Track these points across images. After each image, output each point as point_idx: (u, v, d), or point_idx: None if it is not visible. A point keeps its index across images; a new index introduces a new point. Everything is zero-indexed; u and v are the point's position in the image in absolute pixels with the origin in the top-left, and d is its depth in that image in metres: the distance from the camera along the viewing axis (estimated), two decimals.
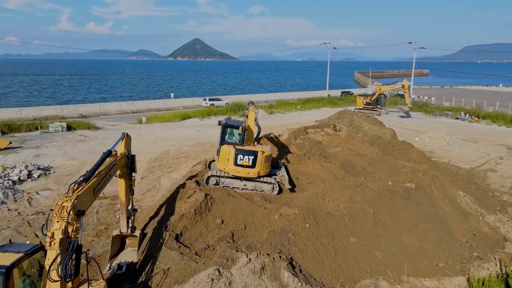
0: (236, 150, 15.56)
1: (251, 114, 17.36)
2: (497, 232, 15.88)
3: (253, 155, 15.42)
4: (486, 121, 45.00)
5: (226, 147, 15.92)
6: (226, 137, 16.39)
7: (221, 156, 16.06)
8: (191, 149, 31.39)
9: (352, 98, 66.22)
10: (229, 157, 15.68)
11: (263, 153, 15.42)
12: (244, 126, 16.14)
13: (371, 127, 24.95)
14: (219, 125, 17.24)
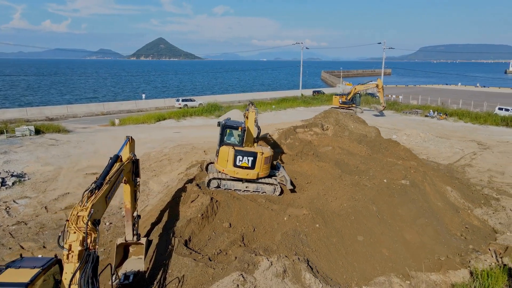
0: (235, 151, 15.31)
1: (251, 115, 17.15)
2: (486, 225, 16.64)
3: (253, 156, 15.24)
4: (453, 118, 47.22)
5: (225, 148, 15.63)
6: (225, 138, 16.07)
7: (220, 157, 15.74)
8: (172, 151, 30.65)
9: (325, 97, 67.39)
10: (228, 158, 15.41)
11: (263, 154, 15.27)
12: (244, 127, 15.90)
13: (356, 126, 25.45)
14: (218, 126, 16.91)
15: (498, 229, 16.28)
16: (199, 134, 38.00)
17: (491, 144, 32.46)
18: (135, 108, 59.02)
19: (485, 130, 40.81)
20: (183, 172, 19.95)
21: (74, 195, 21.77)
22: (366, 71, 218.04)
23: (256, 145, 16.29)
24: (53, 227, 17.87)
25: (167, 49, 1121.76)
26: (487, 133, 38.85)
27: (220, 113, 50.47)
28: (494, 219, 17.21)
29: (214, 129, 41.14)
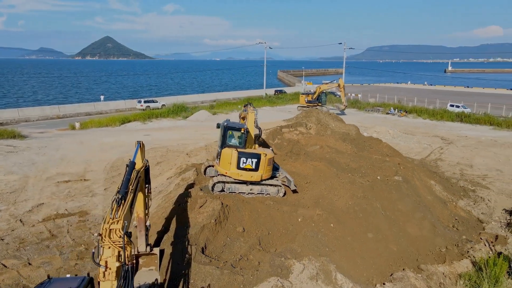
0: (238, 153, 14.98)
1: (250, 115, 16.84)
2: (471, 215, 17.71)
3: (256, 158, 15.00)
4: (412, 115, 49.88)
5: (228, 150, 15.23)
6: (227, 140, 15.66)
7: (223, 159, 15.31)
8: (147, 155, 29.13)
9: (289, 97, 68.28)
10: (231, 160, 15.03)
11: (266, 155, 15.09)
12: (246, 128, 15.59)
13: (337, 124, 26.01)
14: (217, 127, 16.46)
15: (483, 219, 17.39)
16: (170, 137, 36.94)
17: (453, 139, 34.66)
18: (94, 110, 56.18)
19: (443, 125, 43.52)
20: (172, 177, 19.23)
21: (49, 206, 20.25)
22: (320, 70, 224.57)
23: (257, 147, 16.06)
24: (34, 241, 16.49)
25: (115, 48, 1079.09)
26: (446, 128, 41.45)
27: (187, 114, 49.44)
28: (476, 209, 18.37)
29: (184, 131, 40.49)
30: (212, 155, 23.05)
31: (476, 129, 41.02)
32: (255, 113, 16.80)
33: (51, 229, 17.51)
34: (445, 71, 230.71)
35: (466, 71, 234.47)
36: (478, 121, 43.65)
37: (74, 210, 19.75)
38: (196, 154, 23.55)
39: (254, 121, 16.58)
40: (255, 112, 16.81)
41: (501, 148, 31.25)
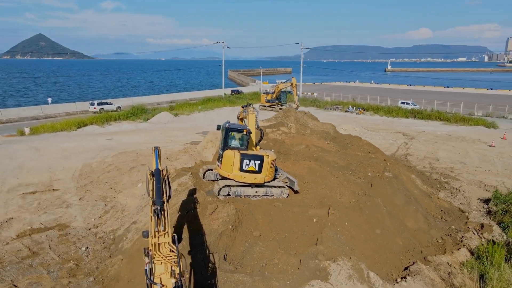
0: (241, 155, 14.64)
1: (251, 116, 16.45)
2: (453, 206, 18.89)
3: (259, 159, 14.73)
4: (370, 112, 52.25)
5: (230, 152, 14.82)
6: (229, 142, 15.25)
7: (225, 161, 14.88)
8: (116, 160, 27.97)
9: (249, 96, 68.29)
10: (234, 163, 14.63)
11: (269, 157, 14.89)
12: (249, 129, 15.25)
13: (315, 123, 26.43)
14: (218, 129, 15.97)
15: (464, 209, 18.62)
16: (135, 140, 35.33)
17: (414, 135, 36.82)
18: (41, 114, 52.09)
19: (400, 122, 46.10)
20: None
21: (20, 220, 18.46)
22: (270, 69, 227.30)
23: (259, 149, 15.78)
24: (14, 260, 14.94)
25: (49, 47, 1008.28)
26: (403, 124, 43.95)
27: (148, 116, 47.61)
28: (456, 200, 19.63)
29: (149, 133, 38.94)
30: (194, 158, 22.35)
31: (429, 125, 43.96)
32: (256, 114, 16.50)
33: (30, 246, 15.94)
34: (385, 70, 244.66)
35: (404, 70, 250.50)
36: (430, 117, 46.82)
37: (51, 223, 18.14)
38: (177, 158, 22.71)
39: (255, 122, 16.29)
40: (256, 113, 16.51)
41: (456, 142, 33.74)
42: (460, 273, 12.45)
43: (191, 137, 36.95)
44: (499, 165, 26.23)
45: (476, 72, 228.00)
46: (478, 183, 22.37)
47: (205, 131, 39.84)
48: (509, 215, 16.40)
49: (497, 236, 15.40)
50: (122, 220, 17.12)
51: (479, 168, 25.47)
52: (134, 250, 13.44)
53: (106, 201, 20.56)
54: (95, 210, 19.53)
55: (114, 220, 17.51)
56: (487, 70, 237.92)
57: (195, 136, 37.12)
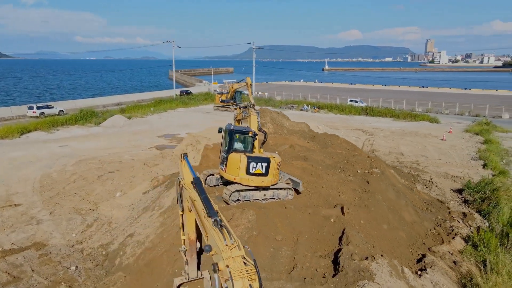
0: (248, 158, 14.24)
1: (253, 118, 15.97)
2: (432, 197, 20.12)
3: (266, 162, 14.41)
4: (324, 110, 54.01)
5: (235, 155, 14.31)
6: (234, 144, 14.74)
7: (230, 165, 14.37)
8: (79, 168, 25.88)
9: (202, 97, 67.02)
10: (240, 166, 14.17)
11: (275, 159, 14.63)
12: (254, 131, 14.88)
13: (290, 123, 26.59)
14: (219, 132, 15.34)
15: (442, 199, 19.92)
16: (93, 146, 32.92)
17: (372, 131, 38.74)
18: None
19: (354, 119, 48.25)
20: (150, 190, 17.24)
21: None
22: (211, 69, 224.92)
23: (263, 151, 15.42)
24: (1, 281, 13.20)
25: None
26: (358, 121, 46.04)
27: (99, 120, 44.60)
28: (432, 192, 20.95)
29: (105, 139, 36.58)
30: (175, 163, 21.33)
31: (381, 121, 46.58)
32: (258, 116, 16.11)
33: (8, 270, 14.13)
34: (323, 69, 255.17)
35: (340, 69, 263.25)
36: (380, 114, 49.64)
37: (24, 242, 16.22)
38: (156, 164, 21.53)
39: (258, 123, 15.91)
40: (257, 114, 16.11)
41: (411, 137, 36.13)
42: (464, 262, 13.25)
43: (152, 140, 35.34)
44: (455, 157, 28.54)
45: (403, 71, 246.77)
46: (445, 174, 24.12)
47: (167, 133, 38.38)
48: (487, 202, 17.87)
49: (480, 223, 16.68)
50: (111, 233, 15.78)
51: (440, 161, 27.49)
52: (142, 265, 12.45)
53: (82, 214, 18.88)
54: (72, 224, 17.83)
55: (101, 234, 16.08)
56: (412, 70, 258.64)
57: (157, 140, 35.56)
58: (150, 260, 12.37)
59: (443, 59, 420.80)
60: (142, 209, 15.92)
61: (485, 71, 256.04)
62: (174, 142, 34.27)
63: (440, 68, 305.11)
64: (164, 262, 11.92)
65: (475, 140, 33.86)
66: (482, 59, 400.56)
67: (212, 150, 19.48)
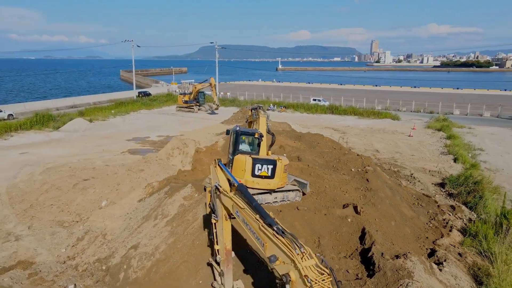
0: (253, 159, 13.97)
1: (262, 120, 15.54)
2: (418, 192, 20.97)
3: (272, 164, 14.15)
4: (291, 110, 54.58)
5: (241, 157, 14.01)
6: (239, 146, 14.44)
7: (236, 167, 14.04)
8: (48, 177, 23.97)
9: (165, 98, 64.98)
10: (246, 168, 13.87)
11: (282, 161, 14.39)
12: (260, 133, 14.59)
13: (273, 123, 26.44)
14: (227, 134, 14.86)
15: (427, 194, 20.82)
16: (59, 152, 30.71)
17: (342, 129, 39.74)
18: None
19: (321, 118, 49.23)
20: (146, 197, 16.28)
21: None
22: (164, 69, 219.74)
23: (271, 154, 15.10)
24: None
25: None
26: (326, 120, 47.03)
27: (57, 124, 41.61)
28: (416, 186, 21.85)
29: (70, 144, 34.29)
30: (164, 169, 20.36)
31: (347, 119, 47.98)
32: (267, 117, 15.76)
33: None
34: (277, 69, 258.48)
35: (293, 69, 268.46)
36: (346, 112, 51.12)
37: (7, 262, 14.69)
38: (141, 170, 20.40)
39: (266, 125, 15.56)
40: (266, 116, 15.76)
41: (380, 134, 37.58)
42: (467, 253, 13.90)
43: (122, 144, 33.63)
44: (426, 152, 30.08)
45: (353, 70, 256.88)
46: (422, 169, 25.30)
47: (136, 137, 36.71)
48: (472, 195, 18.94)
49: (468, 215, 17.64)
50: (108, 246, 14.68)
51: (413, 156, 28.81)
52: (157, 278, 11.68)
53: (66, 227, 17.45)
54: (57, 238, 16.40)
55: (95, 247, 14.91)
56: (361, 69, 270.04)
57: (127, 144, 33.87)
58: (166, 273, 11.65)
59: (387, 59, 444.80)
60: (141, 218, 14.98)
61: (425, 70, 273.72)
62: (147, 146, 32.88)
63: (385, 67, 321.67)
64: (184, 274, 11.28)
65: (438, 136, 35.93)
66: (422, 59, 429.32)
67: (205, 153, 18.84)
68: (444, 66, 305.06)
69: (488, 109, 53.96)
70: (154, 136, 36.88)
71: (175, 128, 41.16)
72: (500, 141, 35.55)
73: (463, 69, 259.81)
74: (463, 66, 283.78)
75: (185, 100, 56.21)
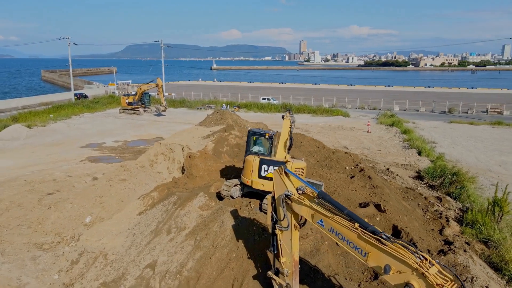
0: (260, 160, 13.78)
1: (285, 123, 14.83)
2: (401, 186, 21.91)
3: (279, 166, 13.76)
4: (244, 109, 54.18)
5: (250, 158, 14.06)
6: (251, 147, 14.15)
7: (245, 167, 14.08)
8: (3, 193, 21.00)
9: (107, 101, 60.47)
10: (253, 168, 13.79)
11: (292, 164, 13.97)
12: (271, 133, 14.28)
13: (250, 124, 25.78)
14: None
15: (409, 187, 21.85)
16: (2, 164, 26.99)
17: (303, 128, 40.35)
18: None
19: (277, 117, 49.47)
20: (146, 210, 14.74)
21: None
22: (91, 69, 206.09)
23: (289, 157, 14.53)
24: None
25: None
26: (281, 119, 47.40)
27: None
28: (396, 181, 22.84)
29: (13, 154, 30.28)
30: (152, 177, 18.76)
31: (303, 117, 48.89)
32: (291, 121, 15.10)
33: None
34: (211, 68, 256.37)
35: (228, 68, 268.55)
36: (299, 110, 52.13)
37: None
38: (123, 179, 18.59)
39: (289, 129, 14.94)
40: (290, 119, 15.09)
41: (340, 130, 38.88)
42: (473, 241, 14.78)
43: (77, 152, 30.59)
44: (390, 147, 31.73)
45: (286, 69, 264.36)
46: (394, 164, 26.57)
47: (90, 143, 33.65)
48: (454, 186, 20.27)
49: (455, 205, 18.84)
50: (114, 267, 13.05)
51: (380, 151, 30.21)
52: None
53: (46, 249, 15.24)
54: (42, 264, 14.24)
55: (98, 270, 13.16)
56: (294, 68, 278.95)
57: (83, 151, 30.88)
58: None
59: (317, 58, 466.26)
60: (149, 234, 13.55)
61: (352, 69, 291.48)
62: (106, 153, 30.28)
63: (315, 66, 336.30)
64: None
65: (394, 131, 38.19)
66: (347, 59, 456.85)
67: (200, 158, 17.70)
68: (368, 65, 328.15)
69: (423, 105, 58.84)
70: (111, 142, 34.16)
71: (129, 133, 38.60)
72: (444, 134, 38.85)
73: (385, 68, 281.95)
74: (385, 65, 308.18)
75: (129, 102, 53.07)
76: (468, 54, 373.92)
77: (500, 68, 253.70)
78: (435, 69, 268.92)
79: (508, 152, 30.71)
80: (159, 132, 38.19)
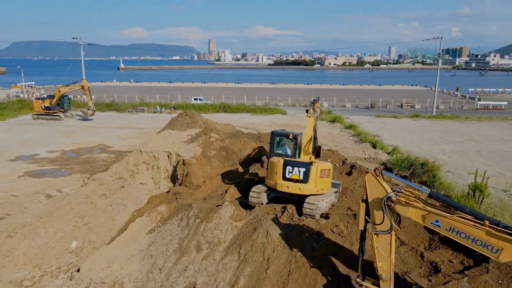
0: (284, 161, 13.29)
1: (309, 121, 13.93)
2: None
3: (305, 167, 13.33)
4: (179, 111, 51.75)
5: (274, 159, 13.65)
6: (274, 148, 13.66)
7: (269, 169, 13.61)
8: None
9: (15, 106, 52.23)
10: (277, 170, 13.32)
11: (317, 165, 13.54)
12: (295, 134, 13.72)
13: (220, 126, 24.43)
14: None
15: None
16: None
17: (252, 127, 40.07)
18: None
19: (219, 117, 48.13)
20: (154, 228, 12.92)
21: None
22: None
23: (314, 158, 13.89)
24: None
25: None
26: (226, 119, 45.88)
27: None
28: None
29: None
30: (136, 189, 16.59)
31: (244, 117, 48.57)
32: (315, 118, 14.25)
33: None
34: (119, 68, 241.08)
35: (136, 68, 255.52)
36: (238, 110, 51.67)
37: None
38: (102, 194, 16.19)
39: (314, 127, 14.15)
40: (315, 116, 14.22)
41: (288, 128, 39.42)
42: None
43: (9, 167, 26.06)
44: (344, 142, 33.20)
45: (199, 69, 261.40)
46: (357, 158, 27.80)
47: (19, 156, 28.85)
48: (426, 174, 21.87)
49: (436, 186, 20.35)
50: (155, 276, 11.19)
51: (337, 146, 31.39)
52: None
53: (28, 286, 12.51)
54: None
55: None
56: (207, 67, 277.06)
57: (16, 165, 26.31)
58: None
59: (227, 57, 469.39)
60: (172, 253, 11.87)
61: (263, 68, 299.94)
62: (46, 165, 26.21)
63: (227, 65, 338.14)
64: None
65: (338, 127, 40.12)
66: (257, 58, 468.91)
67: (197, 165, 16.15)
68: (278, 64, 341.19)
69: (348, 101, 63.13)
70: (45, 153, 29.71)
71: (61, 141, 34.07)
72: (379, 127, 42.03)
73: (294, 67, 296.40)
74: (293, 64, 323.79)
75: (46, 106, 46.93)
76: (362, 54, 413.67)
77: (391, 67, 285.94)
78: (338, 68, 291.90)
79: (440, 142, 34.37)
80: (98, 139, 34.44)
